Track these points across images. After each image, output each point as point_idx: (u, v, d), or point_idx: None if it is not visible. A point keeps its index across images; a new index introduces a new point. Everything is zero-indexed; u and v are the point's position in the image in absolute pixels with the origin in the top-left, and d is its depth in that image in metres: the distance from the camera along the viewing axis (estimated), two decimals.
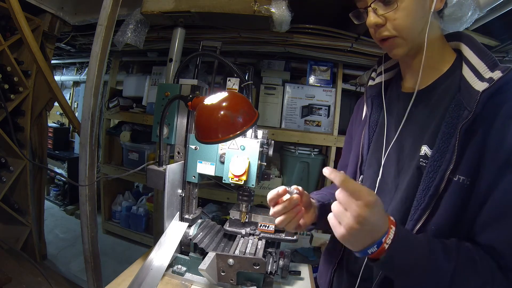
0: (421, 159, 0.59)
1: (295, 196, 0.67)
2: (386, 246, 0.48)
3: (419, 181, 0.58)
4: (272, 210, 0.67)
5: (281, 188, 0.66)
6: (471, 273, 0.49)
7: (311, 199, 0.76)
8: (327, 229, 0.92)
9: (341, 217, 0.48)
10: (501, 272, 0.49)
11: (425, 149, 0.59)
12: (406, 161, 0.63)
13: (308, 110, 2.01)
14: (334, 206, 0.50)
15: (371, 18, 0.60)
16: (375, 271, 0.64)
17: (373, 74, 0.80)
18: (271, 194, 0.66)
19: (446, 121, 0.56)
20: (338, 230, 0.48)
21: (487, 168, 0.51)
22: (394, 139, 0.66)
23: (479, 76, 0.54)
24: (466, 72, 0.57)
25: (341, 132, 1.94)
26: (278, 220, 0.66)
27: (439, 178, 0.54)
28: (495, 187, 0.50)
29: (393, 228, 0.48)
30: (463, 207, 0.53)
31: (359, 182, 0.75)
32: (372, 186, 0.70)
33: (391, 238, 0.48)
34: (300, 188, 0.69)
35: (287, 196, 0.67)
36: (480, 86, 0.53)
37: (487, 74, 0.53)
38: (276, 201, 0.67)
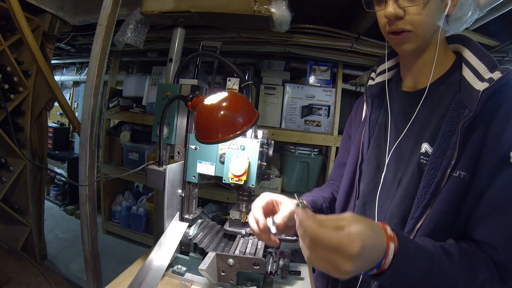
0: (421, 157, 0.60)
1: (272, 237, 0.64)
2: (387, 266, 0.44)
3: (419, 178, 0.58)
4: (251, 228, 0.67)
5: (261, 223, 0.64)
6: (471, 273, 0.49)
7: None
8: None
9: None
10: (496, 268, 0.50)
11: (425, 147, 0.60)
12: (406, 158, 0.64)
13: (308, 110, 2.01)
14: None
15: (391, 9, 0.57)
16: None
17: (373, 74, 0.81)
18: (251, 224, 0.66)
19: (447, 120, 0.57)
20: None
21: (485, 164, 0.52)
22: (400, 137, 0.66)
23: (479, 77, 0.55)
24: (466, 73, 0.58)
25: (341, 132, 1.94)
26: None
27: (440, 176, 0.55)
28: (492, 183, 0.51)
29: (392, 245, 0.44)
30: (461, 203, 0.54)
31: (356, 180, 0.75)
32: (371, 184, 0.70)
33: (391, 257, 0.44)
34: (282, 222, 0.65)
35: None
36: (480, 86, 0.54)
37: (487, 74, 0.54)
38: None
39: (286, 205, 0.67)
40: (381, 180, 0.68)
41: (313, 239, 0.41)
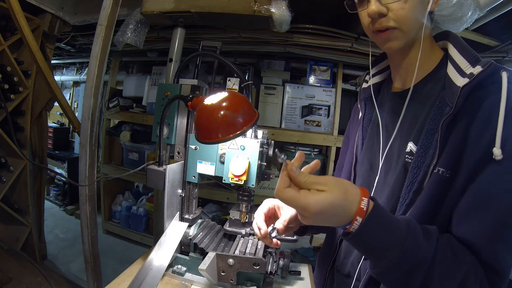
0: (407, 156, 0.59)
1: (274, 241, 0.71)
2: (359, 220, 0.46)
3: (404, 177, 0.58)
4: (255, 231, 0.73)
5: (263, 230, 0.70)
6: (453, 260, 0.48)
7: None
8: (320, 232, 0.94)
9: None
10: (481, 267, 0.49)
11: (410, 146, 0.59)
12: (395, 158, 0.64)
13: (308, 110, 2.01)
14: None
15: (373, 7, 0.57)
16: (363, 271, 0.64)
17: (367, 77, 0.81)
18: (255, 230, 0.73)
19: (430, 118, 0.56)
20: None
21: (467, 161, 0.51)
22: (390, 138, 0.66)
23: (461, 73, 0.54)
24: (450, 70, 0.57)
25: (341, 132, 1.94)
26: None
27: (422, 174, 0.54)
28: (474, 180, 0.50)
29: (360, 219, 0.46)
30: (440, 200, 0.53)
31: (351, 181, 0.75)
32: (365, 184, 0.70)
33: (356, 226, 0.46)
34: (283, 226, 0.69)
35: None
36: (461, 81, 0.53)
37: (469, 69, 0.53)
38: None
39: (287, 209, 0.72)
40: (375, 181, 0.68)
41: (278, 197, 0.48)
